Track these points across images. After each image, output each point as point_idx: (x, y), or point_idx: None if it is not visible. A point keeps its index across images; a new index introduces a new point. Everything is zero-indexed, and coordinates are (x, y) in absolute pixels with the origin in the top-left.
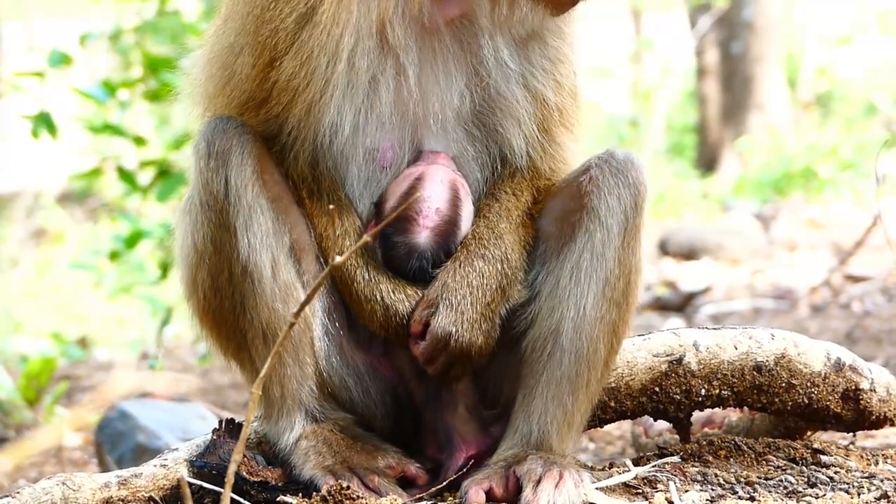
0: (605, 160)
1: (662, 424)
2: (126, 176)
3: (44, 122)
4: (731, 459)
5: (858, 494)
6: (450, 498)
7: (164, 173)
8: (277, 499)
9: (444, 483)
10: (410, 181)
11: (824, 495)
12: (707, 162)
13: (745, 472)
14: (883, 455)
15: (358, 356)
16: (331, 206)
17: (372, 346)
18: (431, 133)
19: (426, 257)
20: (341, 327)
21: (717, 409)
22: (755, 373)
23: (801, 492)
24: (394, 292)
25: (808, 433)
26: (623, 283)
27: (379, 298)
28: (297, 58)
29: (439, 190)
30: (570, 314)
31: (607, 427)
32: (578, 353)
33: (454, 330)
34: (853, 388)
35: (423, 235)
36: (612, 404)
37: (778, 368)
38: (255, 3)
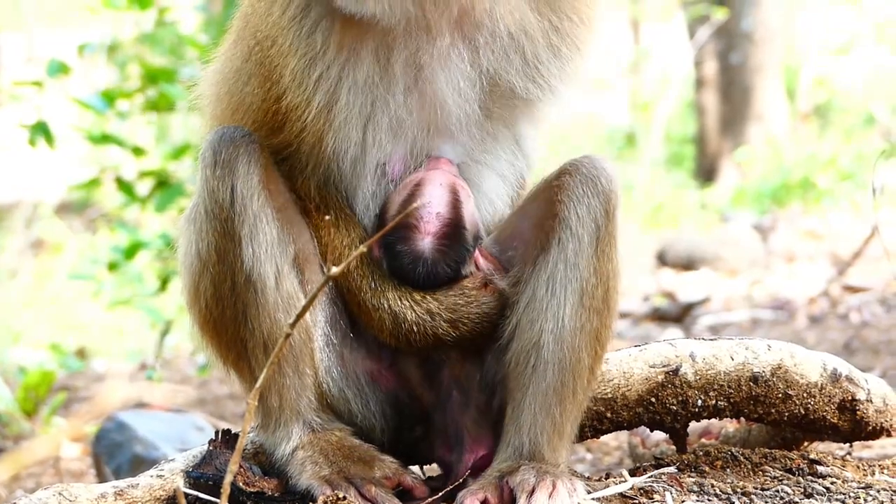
0: (575, 168)
1: (659, 435)
2: (125, 186)
3: (41, 131)
4: (728, 470)
5: None
6: None
7: (163, 184)
8: None
9: (455, 483)
10: (410, 188)
11: None
12: (706, 172)
13: (741, 483)
14: (879, 465)
15: (360, 367)
16: (327, 217)
17: (381, 355)
18: (440, 141)
19: (432, 262)
20: (343, 337)
21: (713, 420)
22: (752, 383)
23: (797, 502)
24: (400, 300)
25: (805, 444)
26: (602, 290)
27: (386, 307)
28: (304, 92)
29: (439, 194)
30: (550, 326)
31: (604, 437)
32: (562, 364)
33: None
34: (850, 398)
35: (425, 241)
36: (609, 415)
37: (774, 379)
38: (257, 37)
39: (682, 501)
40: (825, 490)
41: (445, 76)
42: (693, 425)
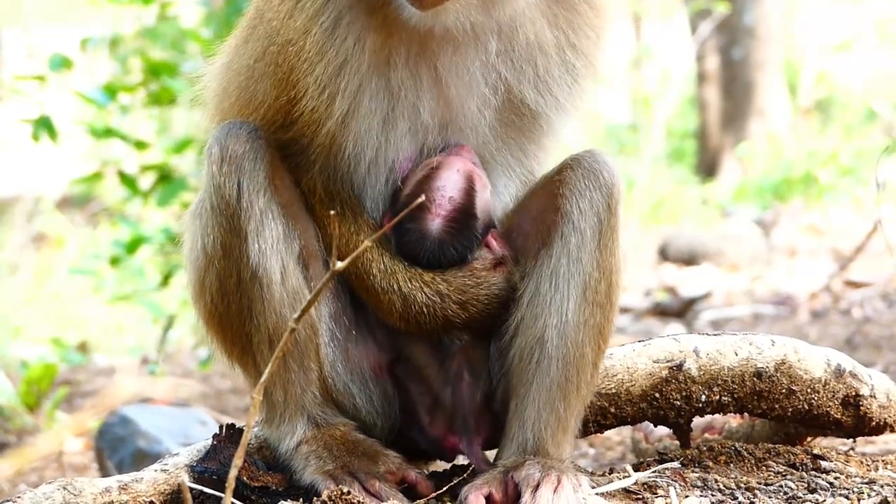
0: (577, 162)
1: (663, 430)
2: (127, 180)
3: (44, 125)
4: (732, 465)
5: (858, 500)
6: (449, 503)
7: (165, 178)
8: None
9: (460, 479)
10: (427, 170)
11: (824, 501)
12: (707, 168)
13: (745, 478)
14: (883, 461)
15: (364, 362)
16: (332, 212)
17: (388, 348)
18: (453, 140)
19: (438, 243)
20: (348, 332)
21: (717, 415)
22: (755, 379)
23: (801, 497)
24: (410, 281)
25: (809, 439)
26: (605, 284)
27: (396, 289)
28: (327, 99)
29: (454, 179)
30: (553, 321)
31: (608, 433)
32: (566, 359)
33: None
34: (853, 394)
35: (434, 223)
36: (613, 410)
37: (778, 374)
38: (274, 40)
39: (686, 496)
40: (829, 485)
41: (470, 81)
42: (697, 420)
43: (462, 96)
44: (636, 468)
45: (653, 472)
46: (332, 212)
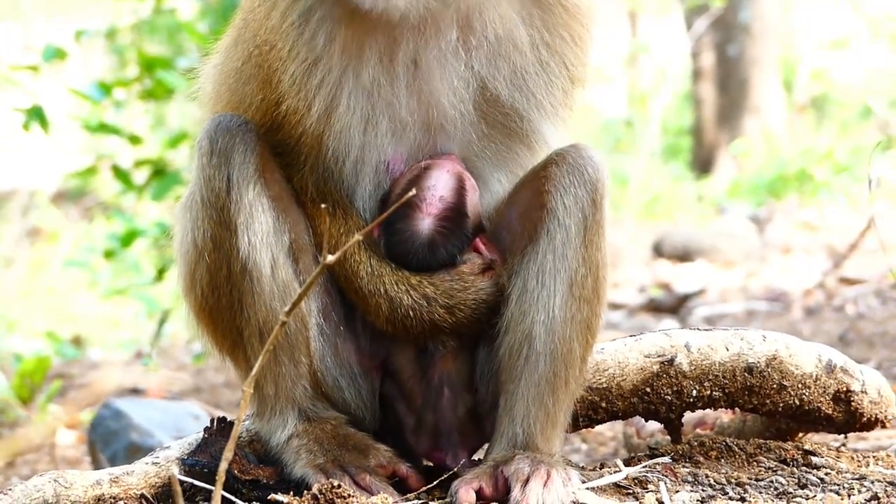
0: (562, 157)
1: (654, 425)
2: (121, 175)
3: (36, 116)
4: (722, 460)
5: (849, 496)
6: (439, 497)
7: (160, 172)
8: (268, 497)
9: (450, 473)
10: (416, 171)
11: (815, 496)
12: (702, 164)
13: (735, 473)
14: (874, 456)
15: (352, 357)
16: (323, 206)
17: (373, 350)
18: (440, 140)
19: (429, 243)
20: (336, 327)
21: (708, 410)
22: (746, 374)
23: (791, 493)
24: (397, 284)
25: (800, 435)
26: (591, 279)
27: (383, 292)
28: (304, 98)
29: (444, 179)
30: (541, 317)
31: (600, 428)
32: (554, 355)
33: None
34: (844, 389)
35: (425, 222)
36: (604, 405)
37: (769, 370)
38: (256, 41)
39: (676, 491)
40: (819, 481)
41: (441, 74)
42: (688, 416)
43: (437, 91)
44: (627, 463)
45: (643, 466)
46: (322, 205)
